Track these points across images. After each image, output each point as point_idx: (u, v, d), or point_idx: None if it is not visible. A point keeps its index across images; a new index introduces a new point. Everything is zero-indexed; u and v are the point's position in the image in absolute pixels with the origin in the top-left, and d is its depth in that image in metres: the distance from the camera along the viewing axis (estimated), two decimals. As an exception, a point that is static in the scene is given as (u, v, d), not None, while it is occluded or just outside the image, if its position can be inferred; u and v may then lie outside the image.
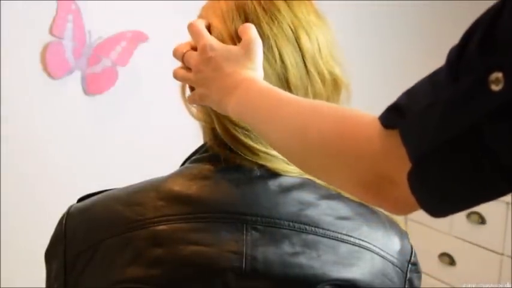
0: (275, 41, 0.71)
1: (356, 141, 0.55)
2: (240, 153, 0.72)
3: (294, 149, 0.62)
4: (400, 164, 0.50)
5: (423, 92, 0.50)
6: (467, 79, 0.45)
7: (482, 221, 2.14)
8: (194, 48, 0.73)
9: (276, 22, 0.71)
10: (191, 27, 0.73)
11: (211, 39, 0.71)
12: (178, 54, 0.74)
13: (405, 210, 0.54)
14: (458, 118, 0.46)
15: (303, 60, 0.72)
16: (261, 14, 0.72)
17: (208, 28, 0.73)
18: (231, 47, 0.70)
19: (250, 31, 0.70)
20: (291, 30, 0.72)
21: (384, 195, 0.54)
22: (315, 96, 0.73)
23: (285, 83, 0.72)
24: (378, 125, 0.53)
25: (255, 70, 0.69)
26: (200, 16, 0.77)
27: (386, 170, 0.52)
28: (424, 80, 0.51)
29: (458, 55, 0.47)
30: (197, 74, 0.72)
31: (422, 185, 0.49)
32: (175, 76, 0.76)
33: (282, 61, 0.71)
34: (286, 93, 0.65)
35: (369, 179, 0.54)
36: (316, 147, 0.58)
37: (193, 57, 0.72)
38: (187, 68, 0.74)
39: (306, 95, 0.72)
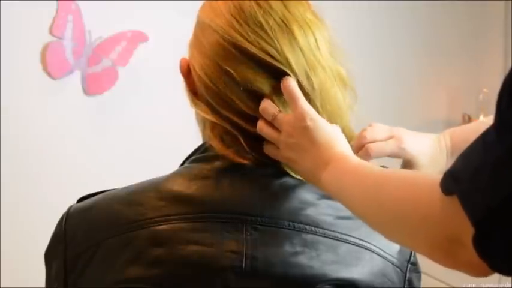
0: (272, 30, 0.71)
1: (420, 209, 0.56)
2: (246, 146, 0.72)
3: (371, 218, 0.65)
4: (465, 229, 0.49)
5: (475, 154, 0.50)
6: (509, 135, 0.46)
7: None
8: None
9: (270, 15, 0.72)
10: (287, 89, 0.71)
11: (308, 108, 0.70)
12: (268, 115, 0.72)
13: (481, 272, 0.53)
14: (507, 175, 0.45)
15: (301, 51, 0.72)
16: (256, 8, 0.72)
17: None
18: (326, 121, 0.71)
19: None
20: (285, 24, 0.72)
21: (456, 258, 0.54)
22: (321, 87, 0.73)
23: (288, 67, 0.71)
24: (439, 191, 0.53)
25: (346, 144, 0.71)
26: (198, 17, 0.77)
27: (453, 234, 0.52)
28: (477, 140, 0.51)
29: (498, 113, 0.48)
30: (289, 138, 0.71)
31: (488, 248, 0.48)
32: (261, 131, 0.73)
33: (282, 50, 0.71)
34: (371, 168, 0.66)
35: (439, 243, 0.54)
36: (388, 217, 0.61)
37: (286, 121, 0.71)
38: (274, 126, 0.72)
39: (308, 81, 0.72)
